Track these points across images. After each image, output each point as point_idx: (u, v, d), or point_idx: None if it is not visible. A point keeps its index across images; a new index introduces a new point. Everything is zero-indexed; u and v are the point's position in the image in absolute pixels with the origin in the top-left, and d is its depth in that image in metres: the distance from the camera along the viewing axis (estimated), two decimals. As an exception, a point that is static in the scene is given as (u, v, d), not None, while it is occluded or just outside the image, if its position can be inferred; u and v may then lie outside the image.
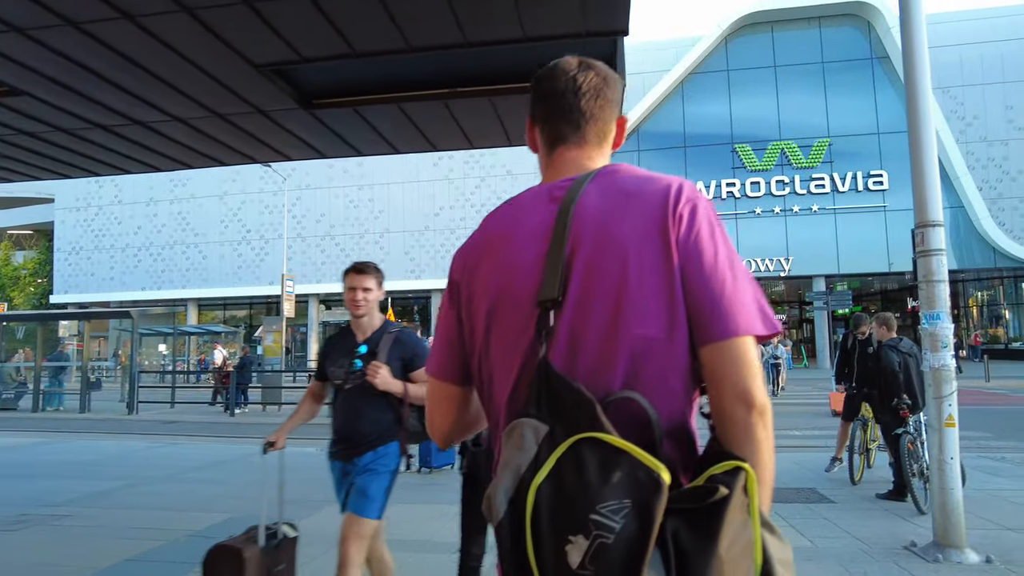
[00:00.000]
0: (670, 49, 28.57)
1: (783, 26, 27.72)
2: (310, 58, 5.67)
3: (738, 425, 0.91)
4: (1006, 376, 19.50)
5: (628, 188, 1.03)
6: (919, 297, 4.08)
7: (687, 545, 0.77)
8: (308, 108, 6.73)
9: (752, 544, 0.79)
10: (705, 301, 0.94)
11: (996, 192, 25.84)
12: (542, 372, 0.92)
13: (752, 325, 0.94)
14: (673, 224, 0.97)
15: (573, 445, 0.82)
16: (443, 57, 5.91)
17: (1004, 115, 26.00)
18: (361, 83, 6.47)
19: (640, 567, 0.75)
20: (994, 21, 26.74)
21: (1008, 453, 7.75)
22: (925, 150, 4.08)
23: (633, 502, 0.77)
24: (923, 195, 4.04)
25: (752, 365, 0.92)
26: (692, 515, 0.79)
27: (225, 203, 33.63)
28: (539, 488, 0.81)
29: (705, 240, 0.97)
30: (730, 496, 0.78)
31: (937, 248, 4.01)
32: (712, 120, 27.97)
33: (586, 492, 0.78)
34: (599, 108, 1.13)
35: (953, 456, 3.94)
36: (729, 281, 0.95)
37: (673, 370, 0.95)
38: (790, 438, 9.48)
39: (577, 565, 0.76)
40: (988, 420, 11.13)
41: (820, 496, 5.65)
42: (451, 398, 1.16)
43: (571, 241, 0.99)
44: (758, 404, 0.90)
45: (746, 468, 0.81)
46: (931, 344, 4.00)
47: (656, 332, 0.94)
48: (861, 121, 26.91)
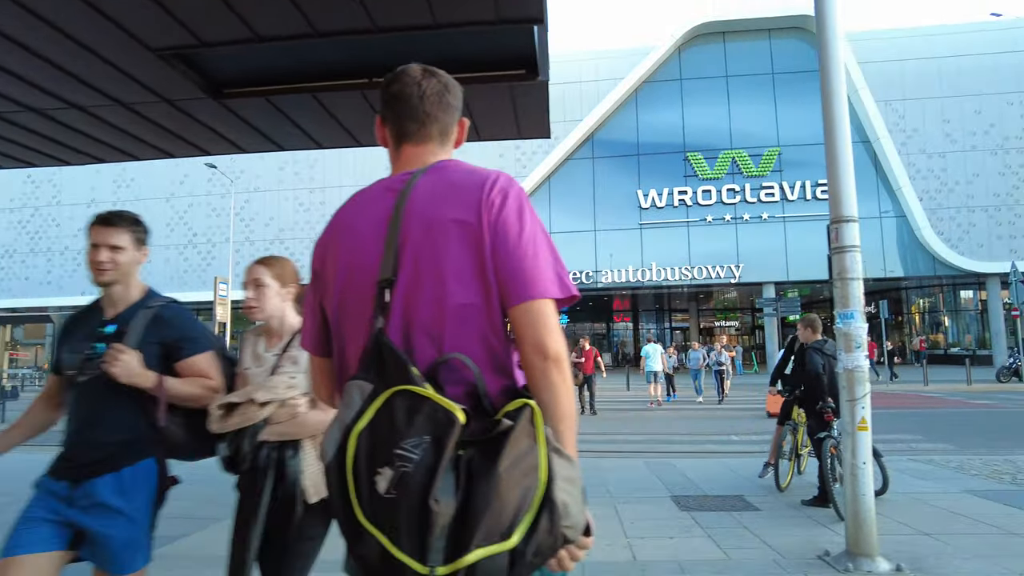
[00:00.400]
0: (624, 58, 28.79)
1: (734, 37, 28.24)
2: (211, 42, 5.30)
3: (537, 371, 1.08)
4: (944, 380, 20.07)
5: (455, 179, 1.19)
6: (833, 295, 3.96)
7: (475, 468, 0.93)
8: (219, 98, 6.34)
9: (538, 465, 0.93)
10: (510, 271, 1.11)
11: (936, 202, 26.73)
12: (375, 341, 1.07)
13: (549, 290, 1.11)
14: (486, 208, 1.14)
15: (388, 398, 0.98)
16: (356, 44, 5.62)
17: (942, 128, 26.96)
18: (273, 72, 6.11)
19: (431, 487, 0.89)
20: (932, 39, 27.75)
21: (936, 456, 7.79)
22: (839, 146, 3.96)
23: (432, 438, 0.93)
24: (837, 191, 3.92)
25: (549, 322, 1.10)
26: (484, 444, 0.95)
27: (172, 205, 32.48)
28: (359, 435, 0.97)
29: (512, 221, 1.14)
30: (514, 426, 0.94)
31: (852, 244, 3.87)
32: (665, 129, 28.27)
33: (393, 433, 0.95)
34: (441, 111, 1.29)
35: (866, 461, 3.81)
36: (531, 254, 1.12)
37: (492, 330, 1.12)
38: (729, 443, 9.42)
39: (384, 491, 0.91)
40: (922, 423, 11.32)
41: (746, 504, 5.50)
42: (328, 370, 1.30)
43: (404, 227, 1.15)
44: (552, 354, 1.08)
45: (532, 404, 0.98)
46: (845, 344, 3.86)
47: (474, 299, 1.11)
48: (809, 131, 27.53)
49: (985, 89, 26.74)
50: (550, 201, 28.79)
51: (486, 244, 1.12)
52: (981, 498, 5.54)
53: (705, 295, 34.81)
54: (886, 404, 14.56)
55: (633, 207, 28.27)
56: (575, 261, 28.21)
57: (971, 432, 10.19)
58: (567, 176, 28.82)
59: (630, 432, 10.83)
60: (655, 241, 28.00)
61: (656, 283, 28.01)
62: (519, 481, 0.91)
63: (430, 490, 0.89)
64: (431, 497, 0.89)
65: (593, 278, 28.19)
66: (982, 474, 6.56)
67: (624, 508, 5.38)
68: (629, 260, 28.07)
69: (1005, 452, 8.12)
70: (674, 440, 9.89)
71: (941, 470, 6.77)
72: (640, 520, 5.00)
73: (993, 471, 6.69)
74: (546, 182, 28.79)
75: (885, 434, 10.00)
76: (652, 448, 9.13)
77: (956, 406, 14.01)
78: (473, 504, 0.90)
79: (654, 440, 9.91)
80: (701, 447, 9.20)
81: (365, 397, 1.01)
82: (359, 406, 1.00)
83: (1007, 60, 26.78)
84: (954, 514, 5.03)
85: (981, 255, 26.30)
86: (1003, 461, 7.24)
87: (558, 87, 29.00)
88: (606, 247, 28.30)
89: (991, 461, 7.25)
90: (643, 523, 4.90)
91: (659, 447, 9.26)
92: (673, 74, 28.52)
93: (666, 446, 9.35)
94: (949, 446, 8.85)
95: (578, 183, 28.77)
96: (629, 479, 6.62)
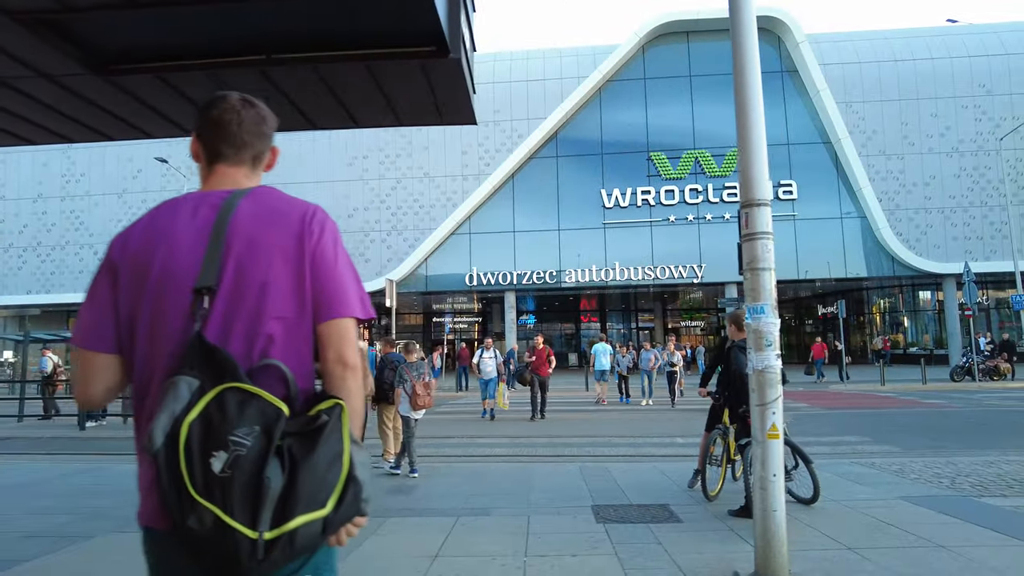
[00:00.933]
0: (588, 55, 28.52)
1: (698, 36, 28.15)
2: (78, 7, 4.78)
3: (337, 378, 1.28)
4: (900, 380, 20.16)
5: (277, 206, 1.34)
6: (744, 287, 3.58)
7: (297, 454, 1.11)
8: (105, 75, 5.80)
9: (343, 451, 1.15)
10: (325, 292, 1.30)
11: (894, 203, 26.97)
12: (195, 342, 1.18)
13: (355, 311, 1.32)
14: (307, 236, 1.31)
15: (220, 392, 1.13)
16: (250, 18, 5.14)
17: (900, 131, 27.21)
18: (162, 46, 5.59)
19: (263, 467, 1.08)
20: (892, 42, 28.04)
21: (879, 458, 7.54)
22: (752, 118, 3.57)
23: (261, 427, 1.11)
24: (749, 172, 3.53)
25: (351, 337, 1.31)
26: (303, 435, 1.14)
27: (124, 201, 31.24)
28: (191, 423, 1.10)
29: (329, 249, 1.33)
30: (329, 421, 1.16)
31: (763, 231, 3.49)
32: (628, 128, 28.06)
33: (227, 422, 1.10)
34: (256, 139, 1.44)
35: (776, 473, 3.42)
36: (340, 279, 1.32)
37: (303, 342, 1.30)
38: (673, 446, 9.08)
39: (219, 470, 1.06)
40: (872, 423, 11.15)
41: (669, 514, 5.12)
42: (109, 366, 1.32)
43: (227, 242, 1.27)
44: (351, 363, 1.29)
45: (342, 403, 1.21)
46: (755, 342, 3.48)
47: (290, 314, 1.28)
48: (771, 132, 27.35)
49: (941, 93, 27.08)
50: (514, 199, 28.38)
51: (306, 267, 1.28)
52: (916, 505, 5.25)
53: (671, 295, 34.76)
54: (840, 404, 14.45)
55: (596, 206, 27.99)
56: (538, 261, 27.86)
57: (918, 432, 10.02)
58: (531, 174, 28.42)
59: (575, 435, 10.44)
60: (618, 241, 27.76)
61: (620, 283, 27.77)
62: (332, 464, 1.13)
63: (263, 470, 1.07)
64: (264, 475, 1.06)
65: (557, 278, 27.85)
66: (922, 478, 6.31)
67: (538, 520, 4.96)
68: (593, 260, 27.78)
69: (948, 453, 7.93)
70: (617, 443, 9.52)
71: (881, 474, 6.50)
72: (549, 534, 4.58)
73: (933, 474, 6.44)
74: (510, 180, 28.35)
75: (833, 436, 9.79)
76: (592, 452, 8.75)
77: (908, 406, 13.94)
78: (296, 481, 1.08)
79: (596, 443, 9.52)
80: (641, 450, 8.84)
81: (194, 391, 1.12)
82: (188, 399, 1.12)
83: (962, 65, 27.16)
84: (884, 524, 4.71)
85: (938, 256, 26.61)
86: (945, 463, 7.01)
87: (520, 84, 28.64)
88: (570, 247, 27.96)
89: (933, 463, 7.02)
90: (551, 538, 4.48)
91: (600, 450, 8.89)
92: (637, 73, 28.33)
93: (608, 449, 8.98)
94: (895, 448, 8.63)
95: (542, 182, 28.39)
96: (557, 487, 6.22)
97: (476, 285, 28.16)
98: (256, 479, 1.06)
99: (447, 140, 28.50)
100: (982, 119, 26.89)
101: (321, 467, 1.10)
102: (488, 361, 12.75)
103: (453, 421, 12.78)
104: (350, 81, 5.94)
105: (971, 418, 11.65)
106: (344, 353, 1.27)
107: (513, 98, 28.39)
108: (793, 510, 5.24)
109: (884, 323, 34.10)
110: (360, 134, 28.67)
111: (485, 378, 12.81)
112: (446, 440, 10.17)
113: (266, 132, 1.45)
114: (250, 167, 1.43)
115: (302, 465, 1.09)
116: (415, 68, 5.67)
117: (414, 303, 34.55)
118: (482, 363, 12.82)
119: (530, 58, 29.30)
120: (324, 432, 1.13)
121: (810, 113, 27.72)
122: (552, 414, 13.12)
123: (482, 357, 12.91)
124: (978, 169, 26.83)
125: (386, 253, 28.49)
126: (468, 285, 28.24)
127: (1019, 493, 5.64)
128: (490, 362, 12.73)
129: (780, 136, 27.52)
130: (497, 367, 12.84)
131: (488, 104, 28.28)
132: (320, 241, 1.30)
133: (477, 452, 9.00)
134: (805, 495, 5.39)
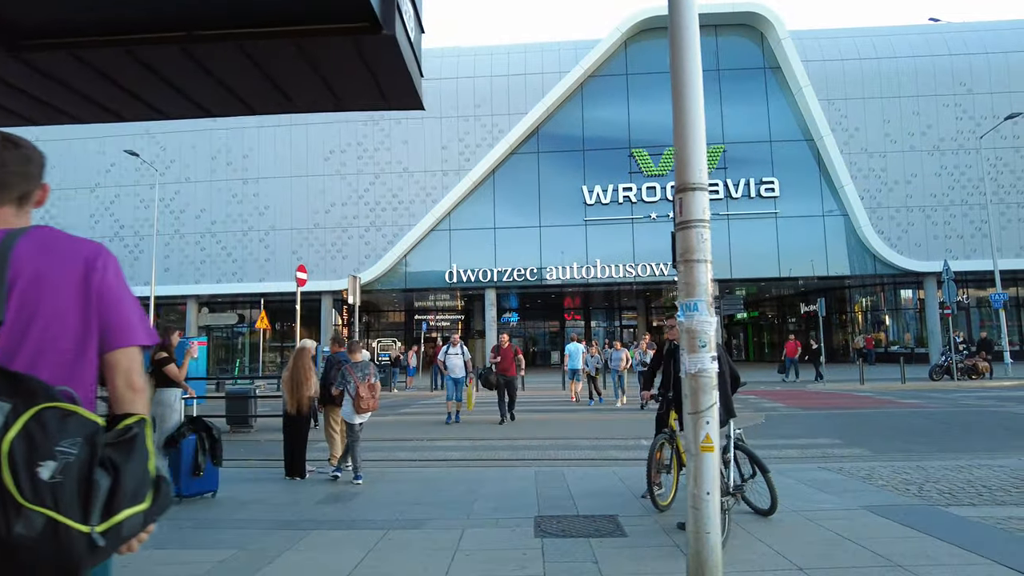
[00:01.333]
0: (570, 50, 28.16)
1: (681, 32, 27.83)
2: (-38, -32, 4.33)
3: (128, 402, 1.42)
4: (880, 379, 19.99)
5: (61, 245, 1.43)
6: (678, 281, 3.23)
7: (117, 459, 1.25)
8: (15, 51, 5.35)
9: (149, 456, 1.32)
10: (110, 324, 1.44)
11: (876, 201, 26.85)
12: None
13: (139, 338, 1.47)
14: (94, 273, 1.42)
15: (38, 411, 1.18)
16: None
17: (882, 128, 27.08)
18: (76, 20, 5.15)
19: (92, 471, 1.19)
20: (874, 39, 27.89)
21: (847, 463, 7.24)
22: (688, 95, 3.22)
23: (84, 439, 1.21)
24: (684, 152, 3.18)
25: (139, 363, 1.47)
26: (119, 444, 1.29)
27: (97, 196, 30.50)
28: (12, 441, 1.14)
29: (114, 285, 1.45)
30: (139, 433, 1.32)
31: (699, 219, 3.13)
32: (610, 124, 27.71)
33: (50, 436, 1.17)
34: (22, 180, 1.49)
35: (710, 491, 3.06)
36: (126, 311, 1.46)
37: (88, 370, 1.42)
38: (637, 448, 8.71)
39: (49, 477, 1.14)
40: (845, 425, 10.87)
41: (615, 527, 4.77)
42: None
43: (10, 277, 1.34)
44: (139, 387, 1.45)
45: (146, 418, 1.37)
46: (688, 343, 3.13)
47: (74, 345, 1.40)
48: (754, 129, 27.38)
49: (923, 91, 26.97)
50: (494, 195, 27.97)
51: (92, 301, 1.41)
52: (878, 515, 4.93)
53: (654, 292, 34.49)
54: (816, 404, 14.20)
55: (578, 203, 27.64)
56: (520, 258, 27.48)
57: (891, 434, 9.75)
58: (512, 170, 28.00)
59: (539, 437, 10.07)
60: (600, 238, 27.43)
61: (602, 281, 27.45)
62: (144, 466, 1.30)
63: (92, 472, 1.20)
64: (94, 476, 1.20)
65: (538, 275, 27.49)
66: (890, 484, 6.00)
67: (472, 535, 4.59)
68: (574, 257, 27.44)
69: (919, 457, 7.64)
70: (580, 445, 9.16)
71: (848, 480, 6.19)
72: (480, 551, 4.21)
73: (901, 481, 6.13)
74: (491, 175, 27.94)
75: (805, 438, 9.50)
76: (553, 455, 8.39)
77: (885, 406, 13.70)
78: (121, 481, 1.24)
79: (558, 446, 9.16)
80: (604, 453, 8.49)
81: (7, 413, 1.17)
82: (2, 420, 1.16)
83: (943, 63, 27.07)
84: (842, 539, 4.38)
85: (919, 254, 26.52)
86: (915, 468, 6.72)
87: (501, 78, 28.22)
88: (551, 244, 27.61)
89: (902, 468, 6.72)
90: (480, 555, 4.11)
91: (561, 453, 8.53)
92: (619, 68, 27.99)
93: (569, 452, 8.62)
94: (865, 451, 8.34)
95: (523, 178, 27.98)
96: (506, 494, 5.86)
97: (457, 282, 27.74)
98: (87, 480, 1.18)
99: (426, 134, 28.04)
100: (963, 118, 26.82)
101: (139, 469, 1.28)
102: (454, 358, 12.26)
103: (415, 424, 12.35)
104: (281, 61, 5.51)
105: (945, 419, 11.41)
106: (132, 379, 1.44)
107: (494, 92, 27.96)
108: (748, 521, 4.92)
109: (866, 321, 34.03)
110: (337, 127, 28.14)
111: (453, 376, 12.28)
112: (403, 443, 9.76)
113: (32, 172, 1.50)
114: (16, 206, 1.48)
115: (123, 468, 1.24)
116: (349, 47, 5.26)
117: (395, 301, 34.07)
118: (448, 360, 12.33)
119: (511, 52, 28.88)
120: (137, 441, 1.31)
121: (792, 110, 27.52)
122: (523, 415, 12.74)
123: (447, 354, 12.43)
124: (959, 168, 26.76)
125: (364, 249, 27.99)
126: (448, 282, 27.81)
127: (988, 501, 5.35)
128: (456, 359, 12.24)
129: (762, 133, 27.32)
130: (465, 364, 12.38)
131: (469, 98, 27.85)
132: (105, 277, 1.43)
133: (433, 456, 8.61)
134: (763, 505, 5.06)
